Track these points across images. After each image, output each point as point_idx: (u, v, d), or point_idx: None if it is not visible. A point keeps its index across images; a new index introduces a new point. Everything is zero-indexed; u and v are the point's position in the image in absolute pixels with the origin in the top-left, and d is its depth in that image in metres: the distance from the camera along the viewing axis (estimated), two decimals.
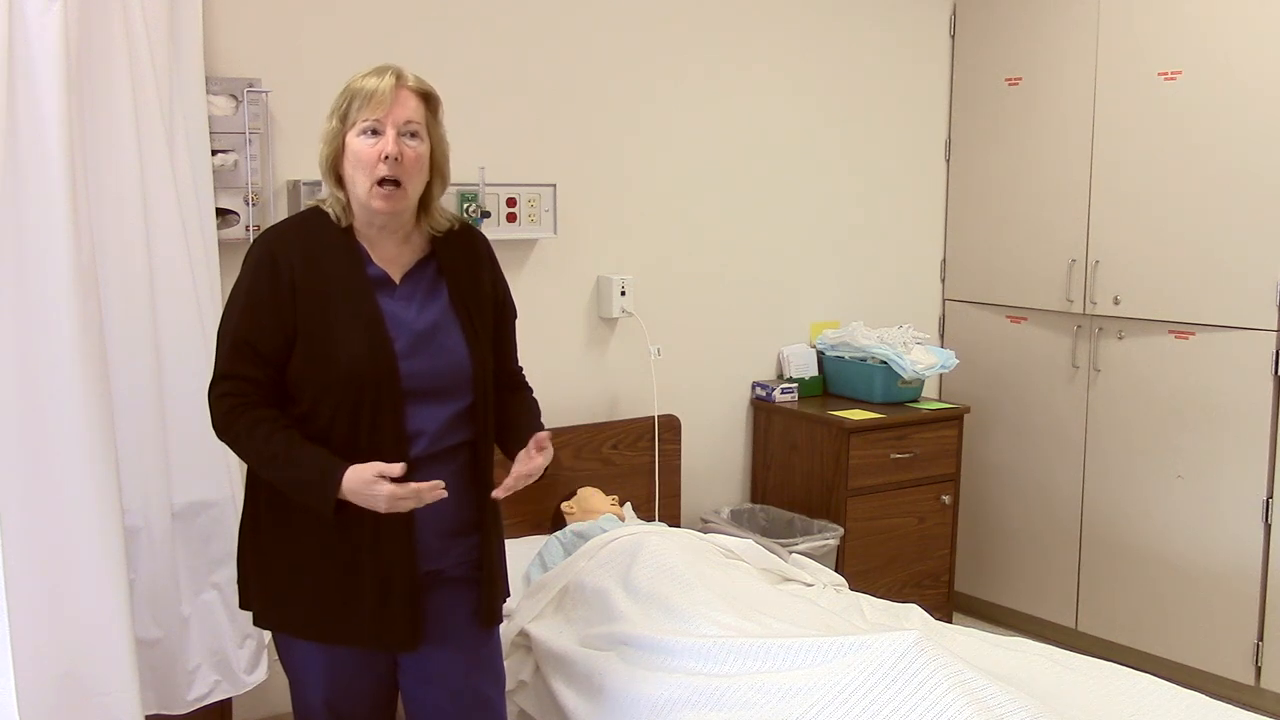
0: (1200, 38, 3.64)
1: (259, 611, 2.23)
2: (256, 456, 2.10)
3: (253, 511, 2.20)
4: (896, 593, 3.85)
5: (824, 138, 4.19)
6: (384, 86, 2.10)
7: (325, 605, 2.14)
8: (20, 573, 2.47)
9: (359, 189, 2.12)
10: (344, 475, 2.02)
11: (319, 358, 2.10)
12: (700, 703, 2.32)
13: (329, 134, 2.15)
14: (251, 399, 2.09)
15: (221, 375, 2.12)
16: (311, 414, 2.11)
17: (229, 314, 2.15)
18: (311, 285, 2.11)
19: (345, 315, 2.11)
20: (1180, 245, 3.73)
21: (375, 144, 2.09)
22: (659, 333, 3.83)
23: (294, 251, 2.13)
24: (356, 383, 2.09)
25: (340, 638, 2.16)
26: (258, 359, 2.10)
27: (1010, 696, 2.13)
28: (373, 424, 2.10)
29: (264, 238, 2.19)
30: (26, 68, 2.44)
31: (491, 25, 3.48)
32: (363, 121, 2.10)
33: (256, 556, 2.21)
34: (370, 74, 2.13)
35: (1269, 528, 3.59)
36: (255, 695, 3.09)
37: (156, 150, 2.74)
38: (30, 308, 2.46)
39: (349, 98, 2.13)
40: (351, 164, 2.11)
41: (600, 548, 2.93)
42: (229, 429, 2.10)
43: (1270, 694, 3.61)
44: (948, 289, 4.54)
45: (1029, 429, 4.25)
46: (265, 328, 2.10)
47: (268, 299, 2.10)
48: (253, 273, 2.13)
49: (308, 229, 2.18)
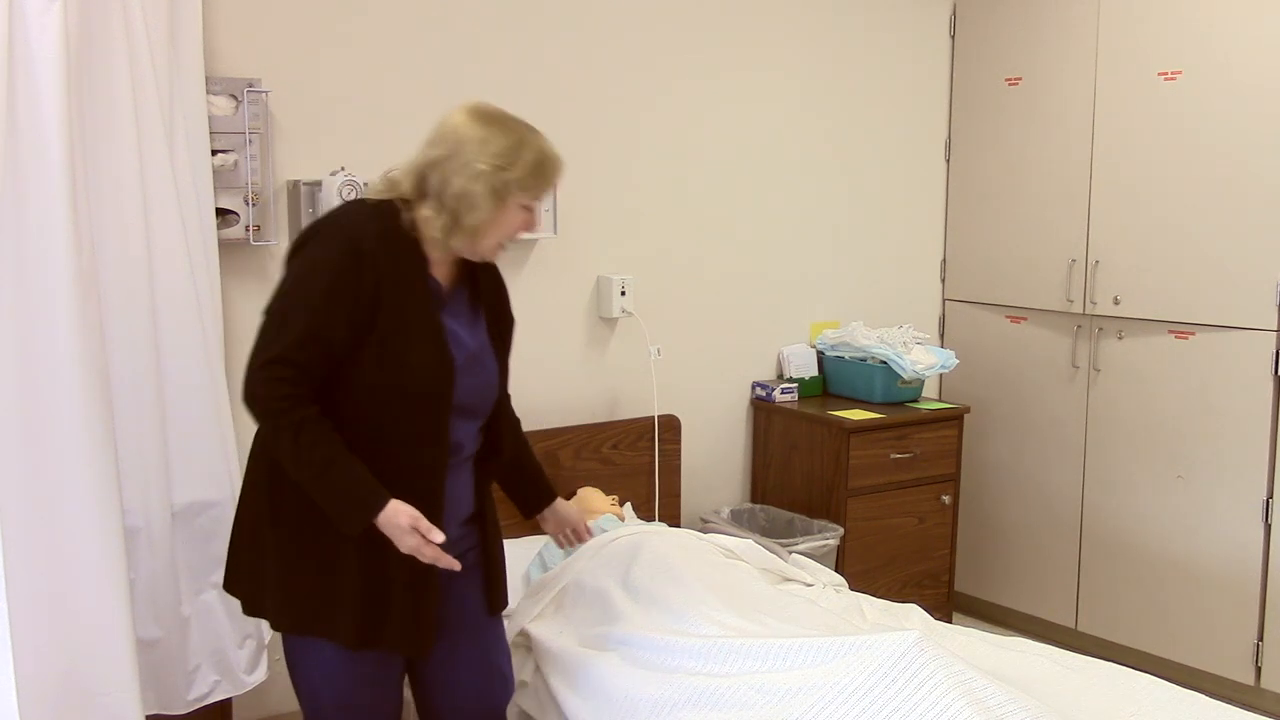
0: (1200, 38, 3.64)
1: (278, 614, 2.19)
2: (298, 455, 2.04)
3: (274, 513, 2.15)
4: (896, 593, 3.86)
5: (824, 138, 4.19)
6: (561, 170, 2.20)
7: (361, 611, 2.13)
8: (20, 573, 2.47)
9: (484, 242, 2.16)
10: (385, 508, 2.04)
11: (391, 363, 2.09)
12: (700, 703, 2.32)
13: (493, 183, 2.10)
14: (304, 392, 2.05)
15: (279, 358, 2.03)
16: (361, 416, 2.09)
17: (300, 297, 2.07)
18: (393, 290, 2.09)
19: (417, 324, 2.12)
20: (1180, 245, 3.73)
21: (527, 218, 2.18)
22: (659, 333, 3.83)
23: (379, 251, 2.09)
24: (420, 392, 2.12)
25: (374, 642, 2.16)
26: (325, 355, 2.06)
27: (1010, 697, 2.13)
28: (421, 433, 2.14)
29: (346, 229, 2.12)
30: (26, 67, 2.44)
31: (492, 26, 3.48)
32: (532, 198, 2.16)
33: (279, 558, 2.15)
34: (555, 154, 2.19)
35: (1269, 528, 3.59)
36: (255, 695, 3.09)
37: (156, 150, 2.74)
38: (30, 307, 2.46)
39: (539, 171, 2.15)
40: (489, 225, 2.13)
41: (600, 548, 2.93)
42: (274, 416, 2.04)
43: (1270, 694, 3.61)
44: (948, 289, 4.54)
45: (1029, 429, 4.25)
46: (339, 327, 2.05)
47: (350, 297, 2.06)
48: (337, 265, 2.06)
49: (387, 228, 2.13)
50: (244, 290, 3.12)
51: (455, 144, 2.11)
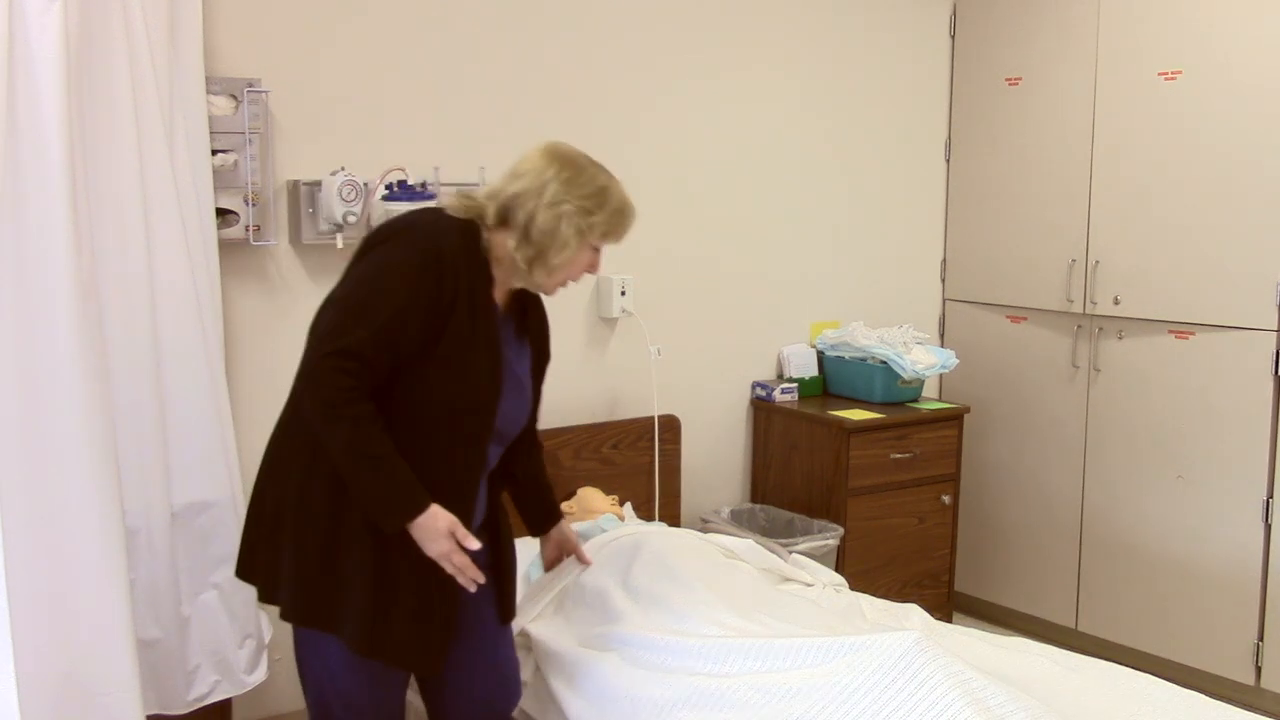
0: (1200, 38, 3.64)
1: (291, 605, 2.19)
2: (352, 447, 2.05)
3: (301, 504, 2.15)
4: (896, 593, 3.86)
5: (824, 138, 4.19)
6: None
7: (370, 620, 2.13)
8: (20, 573, 2.47)
9: (552, 279, 2.23)
10: (427, 511, 2.07)
11: (450, 376, 2.12)
12: (700, 703, 2.32)
13: (578, 224, 2.18)
14: (364, 387, 2.06)
15: (348, 351, 2.04)
16: (409, 423, 2.11)
17: (379, 294, 2.09)
18: (466, 306, 2.13)
19: (481, 342, 2.16)
20: (1180, 245, 3.73)
21: (594, 260, 2.26)
22: (659, 333, 3.83)
23: (460, 264, 2.13)
24: (470, 408, 2.16)
25: (380, 653, 2.16)
26: (391, 355, 2.08)
27: (1011, 697, 2.13)
28: (461, 448, 2.18)
29: (432, 237, 2.15)
30: (26, 68, 2.44)
31: (492, 27, 3.47)
32: (608, 241, 2.25)
33: (297, 551, 2.16)
34: (631, 203, 2.27)
35: (1269, 528, 3.59)
36: (255, 695, 3.09)
37: (156, 150, 2.74)
38: (30, 307, 2.46)
39: (620, 218, 2.25)
40: (565, 263, 2.20)
41: (600, 548, 2.93)
42: (334, 406, 2.04)
43: (1270, 694, 3.61)
44: (948, 289, 4.54)
45: (1029, 429, 4.25)
46: (412, 330, 2.08)
47: (426, 306, 2.09)
48: (418, 271, 2.09)
49: (468, 245, 2.17)
50: (244, 290, 3.12)
51: (542, 181, 2.18)
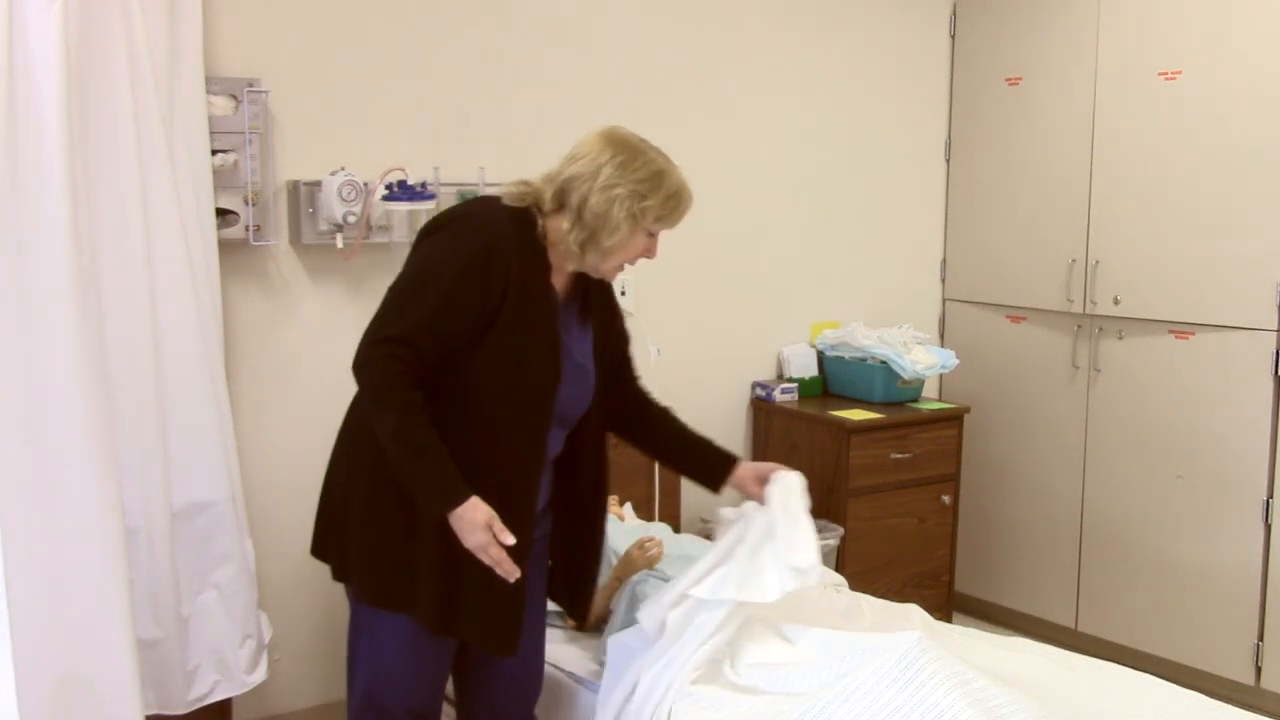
0: (1200, 38, 3.64)
1: (362, 586, 2.25)
2: (399, 434, 2.09)
3: (373, 488, 2.20)
4: (896, 593, 3.85)
5: (824, 137, 4.19)
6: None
7: (440, 596, 2.17)
8: (20, 573, 2.47)
9: (610, 261, 2.22)
10: (465, 503, 2.08)
11: (505, 364, 2.15)
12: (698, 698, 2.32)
13: (631, 208, 2.17)
14: (413, 374, 2.10)
15: (398, 338, 2.09)
16: (467, 411, 2.14)
17: (429, 283, 2.13)
18: (518, 294, 2.15)
19: (536, 330, 2.17)
20: (1180, 245, 3.73)
21: (650, 245, 2.24)
22: (659, 333, 3.82)
23: (511, 254, 2.15)
24: (527, 397, 2.17)
25: (451, 629, 2.21)
26: (439, 344, 2.12)
27: (1011, 697, 2.13)
28: (521, 436, 2.19)
29: (485, 227, 2.18)
30: (26, 68, 2.44)
31: (492, 26, 3.47)
32: (663, 226, 2.23)
33: (369, 533, 2.22)
34: (689, 188, 2.25)
35: (1269, 528, 3.59)
36: (255, 695, 3.09)
37: (156, 150, 2.74)
38: (29, 307, 2.46)
39: (675, 203, 2.23)
40: (618, 246, 2.19)
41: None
42: (384, 391, 2.09)
43: (1270, 694, 3.61)
44: (948, 289, 4.54)
45: (1029, 429, 4.25)
46: (462, 319, 2.12)
47: (475, 296, 2.12)
48: (466, 262, 2.12)
49: (523, 234, 2.19)
50: (244, 290, 3.12)
51: (597, 164, 2.18)
